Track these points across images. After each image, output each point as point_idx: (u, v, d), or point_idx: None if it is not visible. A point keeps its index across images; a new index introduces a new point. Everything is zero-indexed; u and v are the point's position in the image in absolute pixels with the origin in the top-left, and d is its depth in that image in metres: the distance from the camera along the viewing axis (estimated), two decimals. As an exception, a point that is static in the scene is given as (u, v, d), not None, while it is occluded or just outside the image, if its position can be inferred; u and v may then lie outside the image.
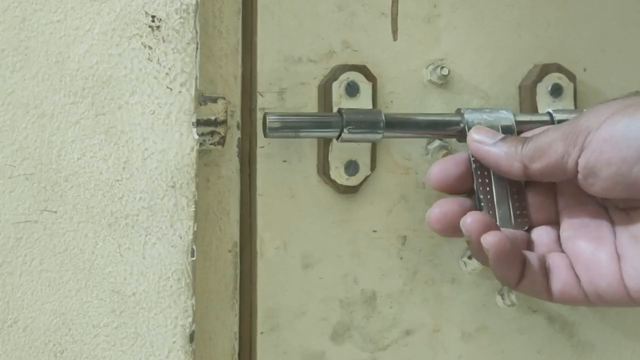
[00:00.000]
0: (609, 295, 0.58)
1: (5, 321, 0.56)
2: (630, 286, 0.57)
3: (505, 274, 0.59)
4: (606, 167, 0.56)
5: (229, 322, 0.66)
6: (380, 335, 0.68)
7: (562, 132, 0.58)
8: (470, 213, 0.60)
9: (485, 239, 0.58)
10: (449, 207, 0.62)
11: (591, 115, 0.57)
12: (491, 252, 0.58)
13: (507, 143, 0.61)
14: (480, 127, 0.63)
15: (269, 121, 0.62)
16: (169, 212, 0.58)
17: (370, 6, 0.67)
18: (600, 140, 0.56)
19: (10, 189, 0.56)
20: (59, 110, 0.57)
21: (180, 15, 0.58)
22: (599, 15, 0.71)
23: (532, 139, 0.60)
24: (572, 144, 0.57)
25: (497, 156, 0.61)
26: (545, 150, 0.59)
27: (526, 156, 0.59)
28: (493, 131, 0.62)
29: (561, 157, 0.58)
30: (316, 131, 0.63)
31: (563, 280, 0.59)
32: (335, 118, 0.63)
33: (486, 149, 0.61)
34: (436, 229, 0.62)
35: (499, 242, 0.58)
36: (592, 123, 0.56)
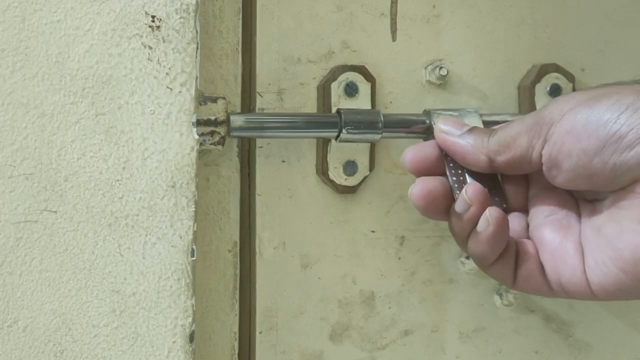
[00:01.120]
0: (571, 286, 0.57)
1: (5, 321, 0.56)
2: (591, 279, 0.56)
3: (489, 252, 0.59)
4: (567, 158, 0.56)
5: (229, 322, 0.66)
6: (379, 335, 0.68)
7: (526, 125, 0.58)
8: (471, 183, 0.60)
9: (491, 212, 0.58)
10: (433, 185, 0.61)
11: (554, 106, 0.57)
12: (492, 227, 0.58)
13: (473, 135, 0.60)
14: (448, 118, 0.63)
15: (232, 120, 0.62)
16: (169, 212, 0.58)
17: (370, 7, 0.67)
18: (562, 132, 0.55)
19: (10, 188, 0.56)
20: (59, 110, 0.57)
21: (181, 15, 0.58)
22: (597, 15, 0.71)
23: (497, 132, 0.59)
24: (536, 136, 0.57)
25: (463, 148, 0.61)
26: (510, 144, 0.58)
27: (492, 149, 0.59)
28: (460, 122, 0.62)
29: (526, 150, 0.58)
30: (315, 131, 0.63)
31: (529, 267, 0.59)
32: (334, 118, 0.63)
33: (453, 141, 0.61)
34: (420, 205, 0.60)
35: (502, 218, 0.58)
36: (555, 115, 0.56)
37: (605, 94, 0.55)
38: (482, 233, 0.58)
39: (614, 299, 0.57)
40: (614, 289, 0.56)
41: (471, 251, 0.60)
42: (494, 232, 0.58)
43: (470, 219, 0.59)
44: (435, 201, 0.60)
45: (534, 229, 0.61)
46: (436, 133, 0.62)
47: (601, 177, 0.55)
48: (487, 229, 0.58)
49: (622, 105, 0.53)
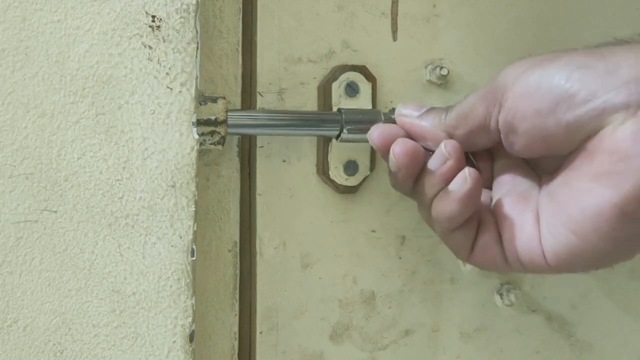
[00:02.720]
0: (526, 256, 0.57)
1: (5, 321, 0.56)
2: (545, 246, 0.56)
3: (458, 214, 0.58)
4: (522, 122, 0.56)
5: (229, 321, 0.66)
6: (380, 335, 0.68)
7: (481, 94, 0.58)
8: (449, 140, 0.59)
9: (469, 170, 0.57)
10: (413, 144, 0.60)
11: (508, 71, 0.57)
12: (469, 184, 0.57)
13: (431, 114, 0.60)
14: (408, 101, 0.62)
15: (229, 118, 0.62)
16: (169, 212, 0.58)
17: (370, 6, 0.67)
18: (516, 96, 0.55)
19: (10, 188, 0.56)
20: (59, 109, 0.57)
21: (181, 15, 0.58)
22: (598, 15, 0.71)
23: (454, 107, 0.59)
24: (492, 103, 0.57)
25: (422, 128, 0.60)
26: (467, 115, 0.58)
27: (450, 125, 0.59)
28: (419, 105, 0.62)
29: (483, 118, 0.58)
30: (316, 129, 0.63)
31: (487, 237, 0.59)
32: (335, 116, 0.63)
33: (411, 122, 0.61)
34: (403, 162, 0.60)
35: (479, 177, 0.58)
36: (508, 80, 0.56)
37: (556, 56, 0.55)
38: (457, 191, 0.58)
39: (566, 267, 0.56)
40: (565, 254, 0.55)
41: (438, 212, 0.59)
42: (470, 190, 0.57)
43: (444, 174, 0.59)
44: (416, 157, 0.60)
45: (496, 201, 0.61)
46: (396, 117, 0.62)
47: (556, 138, 0.55)
48: (464, 186, 0.57)
49: (572, 65, 0.53)
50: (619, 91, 0.51)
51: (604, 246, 0.54)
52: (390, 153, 0.60)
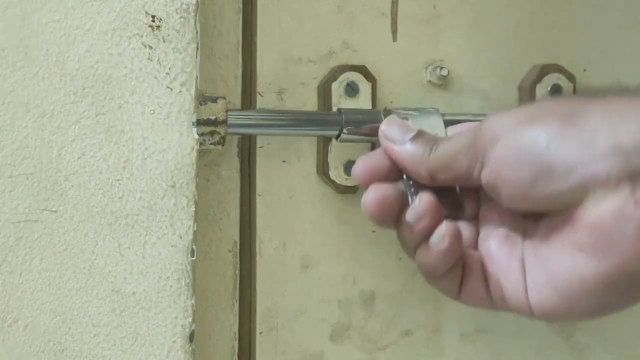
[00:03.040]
0: (512, 303, 0.57)
1: (5, 320, 0.56)
2: (530, 298, 0.56)
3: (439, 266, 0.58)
4: (504, 186, 0.55)
5: (229, 321, 0.66)
6: (379, 335, 0.68)
7: (465, 145, 0.57)
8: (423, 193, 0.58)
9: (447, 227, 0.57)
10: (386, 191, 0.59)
11: (489, 127, 0.56)
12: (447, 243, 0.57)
13: (415, 145, 0.59)
14: (393, 119, 0.61)
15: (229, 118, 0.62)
16: (169, 212, 0.58)
17: (370, 6, 0.67)
18: (497, 160, 0.55)
19: (10, 188, 0.56)
20: (59, 109, 0.57)
21: (181, 15, 0.58)
22: (599, 16, 0.71)
23: (438, 147, 0.58)
24: (474, 158, 0.56)
25: (404, 160, 0.59)
26: (450, 164, 0.57)
27: (432, 167, 0.58)
28: (405, 126, 0.60)
29: (465, 170, 0.57)
30: (316, 129, 0.63)
31: (474, 281, 0.59)
32: (335, 116, 0.63)
33: (394, 150, 0.60)
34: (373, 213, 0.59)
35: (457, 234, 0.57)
36: (490, 138, 0.55)
37: (539, 117, 0.54)
38: (435, 247, 0.57)
39: (551, 320, 0.57)
40: (552, 311, 0.55)
41: (420, 262, 0.59)
42: (448, 247, 0.57)
43: (421, 231, 0.58)
44: (389, 207, 0.59)
45: (482, 240, 0.60)
46: (380, 137, 0.61)
47: (538, 204, 0.55)
48: (441, 244, 0.57)
49: (550, 133, 0.52)
50: (597, 165, 0.51)
51: (590, 308, 0.54)
52: (363, 198, 0.59)
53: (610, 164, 0.50)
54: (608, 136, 0.51)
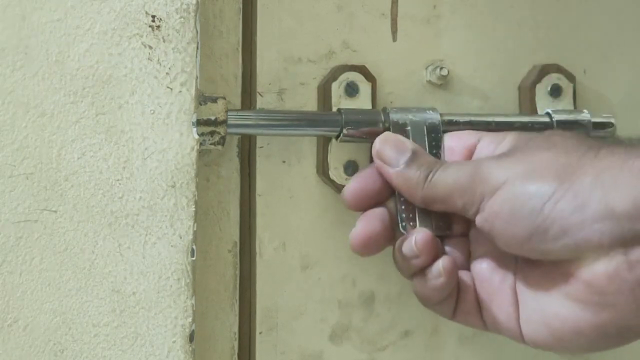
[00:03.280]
0: (504, 329, 0.58)
1: (5, 320, 0.56)
2: (523, 329, 0.57)
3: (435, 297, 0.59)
4: (499, 237, 0.56)
5: (229, 322, 0.66)
6: (379, 336, 0.68)
7: (461, 186, 0.57)
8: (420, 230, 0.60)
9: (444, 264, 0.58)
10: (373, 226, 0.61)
11: (491, 175, 0.56)
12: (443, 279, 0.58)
13: (410, 169, 0.59)
14: (388, 137, 0.61)
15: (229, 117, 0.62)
16: (169, 212, 0.58)
17: (370, 7, 0.67)
18: (493, 212, 0.55)
19: (10, 188, 0.56)
20: (59, 109, 0.57)
21: (181, 15, 0.58)
22: (599, 16, 0.71)
23: (434, 178, 0.58)
24: (469, 202, 0.57)
25: (398, 184, 0.60)
26: (444, 200, 0.58)
27: (427, 198, 0.59)
28: (400, 145, 0.61)
29: (460, 209, 0.58)
30: (316, 130, 0.63)
31: (468, 304, 0.60)
32: (335, 117, 0.63)
33: (389, 172, 0.60)
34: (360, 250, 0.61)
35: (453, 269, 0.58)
36: (488, 187, 0.56)
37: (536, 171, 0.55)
38: (431, 282, 0.59)
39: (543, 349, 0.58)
40: (542, 343, 0.57)
41: (415, 290, 0.60)
42: (444, 283, 0.58)
43: (417, 265, 0.59)
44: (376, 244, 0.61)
45: (475, 261, 0.61)
46: (374, 157, 0.61)
47: (532, 255, 0.55)
48: (437, 280, 0.58)
49: (545, 194, 0.53)
50: (589, 230, 0.52)
51: (582, 347, 0.56)
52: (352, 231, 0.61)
53: (603, 230, 0.51)
54: (600, 201, 0.51)
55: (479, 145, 0.61)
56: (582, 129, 0.66)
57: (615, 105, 0.71)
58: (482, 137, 0.61)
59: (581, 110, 0.67)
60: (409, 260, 0.60)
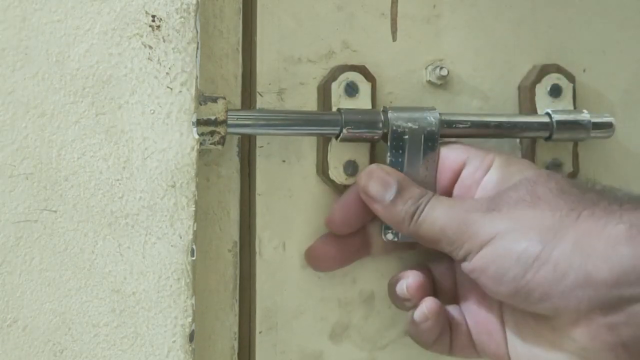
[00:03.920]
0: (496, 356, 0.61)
1: (5, 320, 0.56)
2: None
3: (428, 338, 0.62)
4: (485, 286, 0.58)
5: (229, 321, 0.66)
6: (379, 334, 0.68)
7: (448, 236, 0.59)
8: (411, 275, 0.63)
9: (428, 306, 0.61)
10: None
11: (479, 228, 0.58)
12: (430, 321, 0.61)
13: (397, 207, 0.61)
14: (373, 171, 0.63)
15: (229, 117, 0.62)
16: (169, 212, 0.58)
17: (370, 6, 0.67)
18: (478, 269, 0.57)
19: (10, 188, 0.56)
20: (59, 109, 0.57)
21: (181, 15, 0.58)
22: (599, 16, 0.71)
23: (419, 220, 0.60)
24: (456, 250, 0.59)
25: (386, 219, 0.62)
26: (431, 242, 0.60)
27: (413, 234, 0.61)
28: (386, 179, 0.62)
29: (448, 252, 0.59)
30: (316, 129, 0.64)
31: (462, 338, 0.62)
32: (335, 116, 0.63)
33: (376, 209, 0.62)
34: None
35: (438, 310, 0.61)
36: (476, 242, 0.57)
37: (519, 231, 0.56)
38: (420, 324, 0.61)
39: None
40: None
41: (410, 335, 0.63)
42: (432, 325, 0.61)
43: (409, 306, 0.63)
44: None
45: (461, 290, 0.64)
46: (360, 192, 0.63)
47: (517, 307, 0.57)
48: (423, 323, 0.61)
49: (530, 257, 0.55)
50: (569, 297, 0.53)
51: None
52: None
53: (581, 297, 0.53)
54: (579, 268, 0.53)
55: (465, 172, 0.62)
56: (582, 129, 0.66)
57: (615, 105, 0.71)
58: (469, 159, 0.62)
59: (581, 110, 0.67)
60: (400, 300, 0.63)
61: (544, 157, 0.68)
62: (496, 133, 0.66)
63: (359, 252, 0.66)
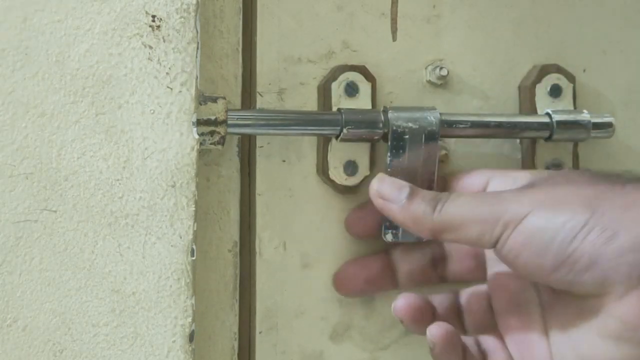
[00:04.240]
0: None
1: (5, 320, 0.56)
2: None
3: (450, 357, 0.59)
4: (523, 267, 0.55)
5: (229, 321, 0.66)
6: (380, 334, 0.68)
7: (478, 216, 0.56)
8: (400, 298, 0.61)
9: (432, 333, 0.58)
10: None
11: (511, 205, 0.55)
12: (438, 348, 0.58)
13: (414, 204, 0.59)
14: (383, 177, 0.62)
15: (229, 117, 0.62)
16: (169, 212, 0.58)
17: (370, 6, 0.67)
18: (518, 243, 0.55)
19: (10, 188, 0.56)
20: (59, 109, 0.57)
21: (181, 15, 0.58)
22: (599, 16, 0.71)
23: (442, 209, 0.58)
24: (489, 233, 0.56)
25: (404, 220, 0.60)
26: (458, 228, 0.57)
27: (437, 227, 0.58)
28: (397, 183, 0.61)
29: (475, 239, 0.57)
30: (316, 129, 0.64)
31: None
32: (335, 116, 0.63)
33: (392, 210, 0.60)
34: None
35: (445, 335, 0.58)
36: (511, 218, 0.55)
37: (562, 202, 0.54)
38: (431, 350, 0.59)
39: None
40: None
41: None
42: (441, 351, 0.58)
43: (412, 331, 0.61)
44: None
45: (499, 316, 0.61)
46: (373, 196, 0.62)
47: (559, 286, 0.55)
48: (434, 350, 0.58)
49: (577, 225, 0.53)
50: (619, 262, 0.51)
51: None
52: None
53: (631, 262, 0.51)
54: (630, 233, 0.51)
55: (491, 186, 0.61)
56: (582, 129, 0.66)
57: (615, 105, 0.71)
58: (492, 177, 0.62)
59: (581, 110, 0.67)
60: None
61: (544, 157, 0.68)
62: (496, 133, 0.66)
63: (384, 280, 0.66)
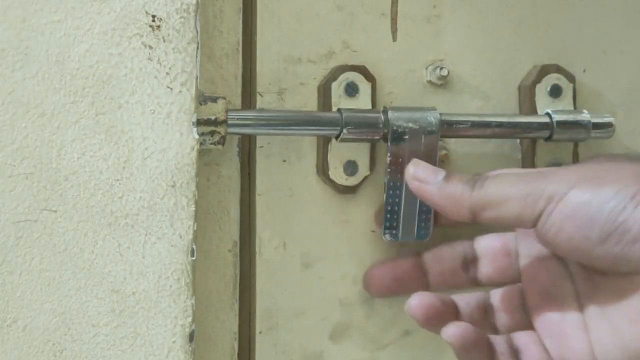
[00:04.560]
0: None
1: (5, 320, 0.56)
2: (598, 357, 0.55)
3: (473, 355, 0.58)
4: (567, 242, 0.54)
5: (229, 321, 0.66)
6: (380, 335, 0.68)
7: (521, 191, 0.55)
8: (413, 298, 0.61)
9: (448, 333, 0.57)
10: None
11: (554, 180, 0.55)
12: (457, 347, 0.57)
13: (452, 184, 0.59)
14: (418, 162, 0.62)
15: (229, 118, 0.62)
16: (169, 212, 0.58)
17: (370, 6, 0.67)
18: (562, 216, 0.53)
19: (10, 188, 0.56)
20: (59, 109, 0.57)
21: (181, 15, 0.58)
22: (599, 16, 0.71)
23: (483, 186, 0.57)
24: (531, 207, 0.55)
25: (442, 200, 0.59)
26: (499, 204, 0.56)
27: (476, 205, 0.57)
28: (433, 167, 0.61)
29: (516, 216, 0.56)
30: (316, 129, 0.64)
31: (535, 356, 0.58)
32: (335, 116, 0.63)
33: (429, 191, 0.60)
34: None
35: (462, 334, 0.57)
36: (555, 191, 0.54)
37: (608, 176, 0.53)
38: (455, 351, 0.58)
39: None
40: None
41: None
42: (462, 350, 0.57)
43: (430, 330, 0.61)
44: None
45: (533, 311, 0.60)
46: (408, 179, 0.61)
47: (602, 263, 0.54)
48: (455, 349, 0.58)
49: (626, 196, 0.52)
50: None
51: None
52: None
53: None
54: None
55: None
56: (582, 129, 0.66)
57: (615, 105, 0.71)
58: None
59: (581, 110, 0.67)
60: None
61: (544, 158, 0.68)
62: (496, 133, 0.66)
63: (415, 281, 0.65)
